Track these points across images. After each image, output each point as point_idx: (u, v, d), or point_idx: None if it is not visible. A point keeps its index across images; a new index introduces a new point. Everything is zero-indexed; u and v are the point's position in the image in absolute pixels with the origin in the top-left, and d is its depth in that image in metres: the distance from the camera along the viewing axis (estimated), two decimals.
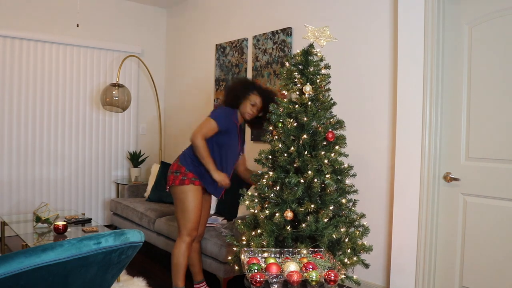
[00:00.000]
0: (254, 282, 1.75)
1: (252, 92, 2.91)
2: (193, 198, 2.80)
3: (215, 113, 2.85)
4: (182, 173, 2.82)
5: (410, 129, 2.88)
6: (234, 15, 4.59)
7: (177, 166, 2.86)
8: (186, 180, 2.79)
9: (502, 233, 2.54)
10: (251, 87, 2.93)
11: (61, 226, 3.19)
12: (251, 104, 2.89)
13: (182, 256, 2.83)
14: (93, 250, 1.37)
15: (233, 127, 2.89)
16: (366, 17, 3.22)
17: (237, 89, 2.93)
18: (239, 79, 3.13)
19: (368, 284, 3.16)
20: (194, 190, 2.81)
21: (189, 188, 2.79)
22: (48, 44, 4.79)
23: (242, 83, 2.99)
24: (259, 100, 2.91)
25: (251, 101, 2.89)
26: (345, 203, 2.53)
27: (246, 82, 3.00)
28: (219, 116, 2.82)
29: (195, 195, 2.81)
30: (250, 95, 2.90)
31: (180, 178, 2.80)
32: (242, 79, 3.12)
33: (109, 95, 4.68)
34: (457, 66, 2.75)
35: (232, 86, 3.01)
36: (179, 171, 2.83)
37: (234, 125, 2.90)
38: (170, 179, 2.86)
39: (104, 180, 5.32)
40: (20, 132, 4.68)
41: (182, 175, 2.81)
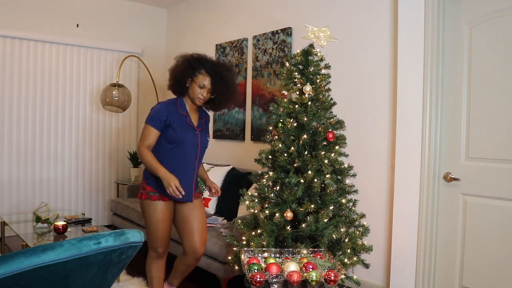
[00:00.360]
0: (254, 282, 1.75)
1: (198, 72, 2.47)
2: (151, 213, 2.53)
3: (149, 114, 2.51)
4: (142, 187, 2.58)
5: (410, 129, 2.88)
6: (234, 15, 4.59)
7: (142, 181, 2.63)
8: (143, 195, 2.55)
9: (502, 233, 2.54)
10: (196, 65, 2.48)
11: (61, 226, 3.19)
12: (199, 86, 2.47)
13: (150, 270, 2.67)
14: (93, 250, 1.36)
15: (178, 119, 2.49)
16: (366, 17, 3.22)
17: (178, 71, 2.50)
18: (181, 57, 2.55)
19: (368, 284, 3.16)
20: (152, 205, 2.52)
21: (146, 203, 2.54)
22: (48, 44, 4.79)
23: (184, 62, 2.51)
24: (208, 80, 2.47)
25: (197, 83, 2.46)
26: (345, 203, 2.53)
27: (189, 60, 2.50)
28: (153, 117, 2.47)
29: (152, 211, 2.52)
30: (196, 75, 2.47)
31: (140, 192, 2.58)
32: (184, 57, 2.54)
33: (109, 95, 4.68)
34: (457, 66, 2.74)
35: (173, 68, 2.54)
36: (141, 185, 2.61)
37: (180, 117, 2.50)
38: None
39: (104, 180, 5.32)
40: (20, 132, 4.68)
41: (142, 189, 2.57)
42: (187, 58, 2.51)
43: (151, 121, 2.46)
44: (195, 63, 2.48)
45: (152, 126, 2.46)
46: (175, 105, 2.53)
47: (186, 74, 2.48)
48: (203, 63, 2.49)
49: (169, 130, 2.47)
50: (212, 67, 2.49)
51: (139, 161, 5.29)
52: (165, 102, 2.53)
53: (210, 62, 2.51)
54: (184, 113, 2.53)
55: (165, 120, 2.45)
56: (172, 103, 2.54)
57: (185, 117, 2.52)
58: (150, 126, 2.46)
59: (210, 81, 2.48)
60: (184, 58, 2.53)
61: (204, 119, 2.67)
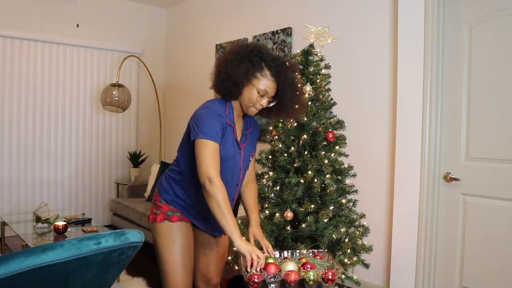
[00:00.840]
0: (252, 283, 1.75)
1: (260, 72, 1.79)
2: (172, 239, 1.87)
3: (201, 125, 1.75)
4: (156, 205, 1.95)
5: (410, 129, 2.88)
6: (234, 15, 4.59)
7: (155, 195, 1.99)
8: (158, 215, 1.91)
9: (502, 233, 2.54)
10: (257, 62, 1.79)
11: (61, 226, 3.19)
12: (260, 94, 1.80)
13: None
14: (93, 250, 1.37)
15: (227, 131, 1.84)
16: (366, 17, 3.22)
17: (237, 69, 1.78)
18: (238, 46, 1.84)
19: (368, 284, 3.16)
20: (173, 228, 1.88)
21: (163, 227, 1.88)
22: (48, 44, 4.79)
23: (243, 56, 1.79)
24: (272, 86, 1.81)
25: (258, 88, 1.79)
26: (345, 203, 2.53)
27: (248, 55, 1.79)
28: (209, 127, 1.74)
29: (172, 236, 1.87)
30: (258, 77, 1.79)
31: (153, 212, 1.94)
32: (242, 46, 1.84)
33: (109, 95, 4.68)
34: (457, 66, 2.75)
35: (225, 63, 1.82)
36: (154, 202, 1.97)
37: (228, 128, 1.86)
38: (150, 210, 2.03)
39: (104, 180, 5.32)
40: (20, 132, 4.68)
41: (155, 208, 1.94)
42: (245, 52, 1.81)
43: (208, 134, 1.72)
44: (256, 60, 1.79)
45: (213, 139, 1.73)
46: (224, 113, 1.84)
47: (247, 74, 1.79)
48: (267, 60, 1.81)
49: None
50: (278, 68, 1.82)
51: (139, 160, 5.29)
52: (215, 103, 1.86)
53: (274, 59, 1.82)
54: (231, 123, 1.86)
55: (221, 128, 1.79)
56: (222, 108, 1.85)
57: (232, 129, 1.87)
58: (211, 141, 1.72)
59: (274, 89, 1.83)
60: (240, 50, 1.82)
61: (250, 129, 2.00)
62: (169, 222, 1.89)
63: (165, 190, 1.95)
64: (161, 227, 1.89)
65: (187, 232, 1.93)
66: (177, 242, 1.88)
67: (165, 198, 1.93)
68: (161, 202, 1.94)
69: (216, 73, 1.87)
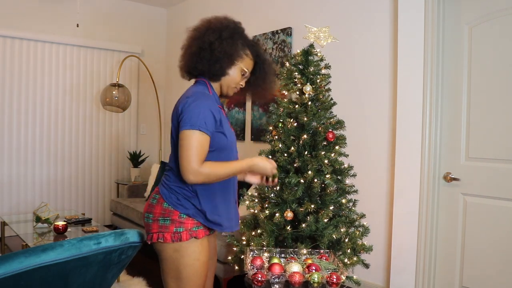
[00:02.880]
0: (256, 282, 1.75)
1: (244, 52, 1.75)
2: (193, 260, 1.66)
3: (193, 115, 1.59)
4: (175, 221, 1.65)
5: (410, 129, 2.88)
6: (234, 15, 4.56)
7: (161, 210, 1.67)
8: (183, 233, 1.64)
9: (502, 233, 2.54)
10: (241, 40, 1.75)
11: (61, 226, 3.19)
12: (242, 74, 1.78)
13: None
14: (93, 250, 1.37)
15: (221, 115, 1.73)
16: (366, 17, 3.22)
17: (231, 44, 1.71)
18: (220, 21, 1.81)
19: (368, 284, 3.16)
20: (196, 247, 1.67)
21: (190, 245, 1.65)
22: (48, 44, 4.79)
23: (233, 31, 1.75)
24: (252, 65, 1.80)
25: (243, 68, 1.76)
26: (345, 203, 2.54)
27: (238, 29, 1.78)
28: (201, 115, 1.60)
29: (197, 255, 1.67)
30: (243, 56, 1.75)
31: (172, 231, 1.64)
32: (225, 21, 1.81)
33: (109, 95, 4.68)
34: (457, 66, 2.75)
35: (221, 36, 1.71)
36: (168, 218, 1.65)
37: (220, 112, 1.73)
38: (152, 230, 1.68)
39: (104, 180, 5.32)
40: (20, 132, 4.68)
41: (175, 225, 1.65)
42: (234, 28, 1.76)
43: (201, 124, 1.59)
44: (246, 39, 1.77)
45: (204, 131, 1.59)
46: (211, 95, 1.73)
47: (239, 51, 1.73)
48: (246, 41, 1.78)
49: (217, 135, 1.68)
50: (255, 47, 1.80)
51: (139, 160, 5.29)
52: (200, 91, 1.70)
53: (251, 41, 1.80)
54: (220, 106, 1.76)
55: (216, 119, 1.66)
56: (206, 90, 1.73)
57: (222, 111, 1.77)
58: (201, 132, 1.59)
59: (252, 66, 1.80)
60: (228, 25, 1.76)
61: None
62: (196, 239, 1.66)
63: (177, 202, 1.67)
64: (188, 247, 1.64)
65: (207, 246, 1.74)
66: (201, 260, 1.68)
67: (186, 212, 1.67)
68: (181, 218, 1.65)
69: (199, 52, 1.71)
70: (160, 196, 1.71)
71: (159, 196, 1.71)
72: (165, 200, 1.68)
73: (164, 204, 1.67)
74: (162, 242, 1.65)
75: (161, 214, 1.66)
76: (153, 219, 1.68)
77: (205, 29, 1.75)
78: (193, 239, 1.65)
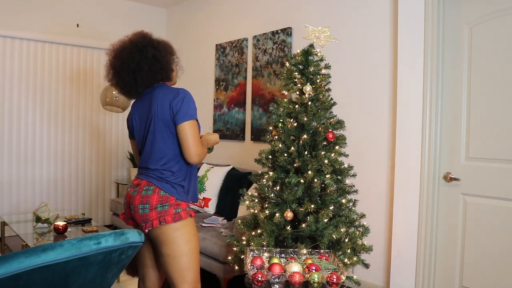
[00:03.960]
0: (256, 282, 1.75)
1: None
2: (192, 236, 1.96)
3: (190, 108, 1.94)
4: (172, 205, 1.92)
5: (410, 129, 2.88)
6: (234, 15, 4.59)
7: (159, 198, 1.92)
8: (182, 213, 1.92)
9: (502, 233, 2.54)
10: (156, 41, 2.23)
11: (61, 226, 3.19)
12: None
13: None
14: (93, 250, 1.36)
15: None
16: (366, 17, 3.22)
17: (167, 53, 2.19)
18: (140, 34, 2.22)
19: (368, 284, 3.16)
20: (192, 224, 1.98)
21: (187, 223, 1.94)
22: (48, 44, 4.79)
23: (151, 39, 2.22)
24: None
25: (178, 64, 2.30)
26: (345, 203, 2.53)
27: (150, 37, 2.24)
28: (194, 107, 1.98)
29: (194, 231, 1.98)
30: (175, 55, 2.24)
31: (172, 213, 1.90)
32: (142, 33, 2.23)
33: (109, 95, 4.67)
34: (457, 66, 2.75)
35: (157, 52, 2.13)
36: (167, 203, 1.91)
37: None
38: (152, 217, 1.90)
39: (104, 180, 5.32)
40: (20, 132, 4.68)
41: (173, 208, 1.92)
42: (147, 35, 2.23)
43: (195, 114, 1.95)
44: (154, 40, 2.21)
45: (197, 120, 1.98)
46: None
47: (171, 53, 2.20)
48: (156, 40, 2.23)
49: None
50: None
51: None
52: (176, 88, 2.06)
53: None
54: None
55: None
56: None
57: None
58: (196, 120, 1.97)
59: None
60: (146, 35, 2.21)
61: None
62: (191, 217, 1.97)
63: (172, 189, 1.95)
64: (187, 224, 1.93)
65: None
66: (196, 236, 1.99)
67: (180, 198, 1.95)
68: (177, 201, 1.94)
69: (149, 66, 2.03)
70: (155, 186, 1.93)
71: (153, 187, 1.93)
72: (161, 188, 1.92)
73: (161, 192, 1.92)
74: (164, 224, 1.88)
75: (159, 202, 1.91)
76: (150, 208, 1.90)
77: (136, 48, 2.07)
78: (189, 217, 1.95)
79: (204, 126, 4.89)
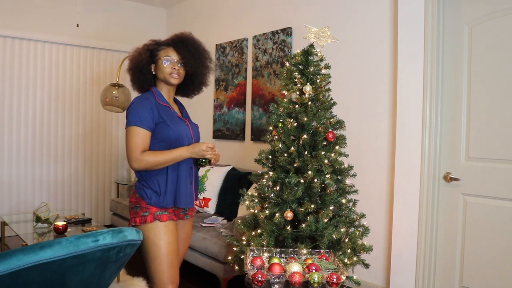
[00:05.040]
0: (256, 282, 1.74)
1: (156, 50, 2.10)
2: (159, 240, 1.97)
3: (130, 115, 1.99)
4: (142, 207, 2.01)
5: (410, 129, 2.88)
6: (234, 15, 4.59)
7: (135, 200, 2.05)
8: (148, 217, 1.99)
9: (502, 233, 2.53)
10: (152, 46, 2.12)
11: (61, 226, 3.19)
12: (165, 61, 2.06)
13: None
14: (91, 248, 1.36)
15: (164, 111, 2.05)
16: (366, 17, 3.22)
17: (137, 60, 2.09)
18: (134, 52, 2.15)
19: (368, 284, 3.15)
20: (160, 228, 1.98)
21: (154, 226, 1.98)
22: (48, 44, 4.79)
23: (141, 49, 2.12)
24: (171, 50, 2.08)
25: (162, 59, 2.06)
26: (345, 203, 2.53)
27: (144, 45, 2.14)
28: (137, 114, 1.97)
29: (162, 235, 1.98)
30: (157, 54, 2.09)
31: (140, 215, 2.00)
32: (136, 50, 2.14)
33: (109, 95, 4.67)
34: (457, 66, 2.74)
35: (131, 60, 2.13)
36: (138, 206, 2.02)
37: (164, 108, 2.07)
38: (130, 216, 2.08)
39: (104, 180, 5.32)
40: (20, 132, 4.68)
41: (142, 211, 2.01)
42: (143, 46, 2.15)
43: (137, 121, 1.96)
44: (151, 45, 2.13)
45: (140, 126, 1.96)
46: (153, 97, 2.06)
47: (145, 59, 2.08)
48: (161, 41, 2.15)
49: (161, 128, 2.01)
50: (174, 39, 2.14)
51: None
52: (141, 96, 2.07)
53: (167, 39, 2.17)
54: (165, 104, 2.09)
55: (154, 115, 2.00)
56: (149, 94, 2.07)
57: (169, 108, 2.09)
58: (138, 127, 1.95)
59: (174, 51, 2.08)
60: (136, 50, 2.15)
61: (185, 110, 2.31)
62: (159, 221, 2.00)
63: (142, 193, 2.03)
64: (152, 227, 1.98)
65: (174, 230, 2.03)
66: (166, 240, 1.98)
67: (149, 202, 2.01)
68: (148, 204, 2.01)
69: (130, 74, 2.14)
70: (134, 188, 2.09)
71: (134, 189, 2.10)
72: (137, 191, 2.05)
73: (136, 194, 2.06)
74: (134, 225, 2.02)
75: (135, 203, 2.05)
76: (130, 207, 2.08)
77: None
78: (156, 221, 1.98)
79: (204, 127, 4.88)
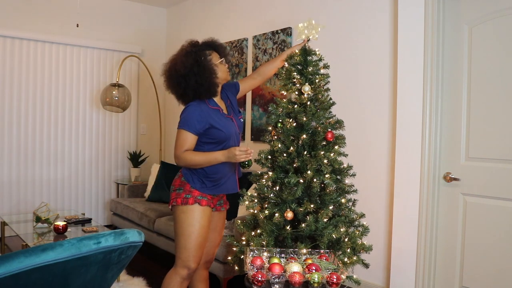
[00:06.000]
0: (256, 282, 1.75)
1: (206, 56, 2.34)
2: (195, 221, 2.24)
3: (182, 119, 2.27)
4: (186, 190, 2.28)
5: (410, 129, 2.88)
6: (234, 15, 4.59)
7: (180, 183, 2.32)
8: (190, 199, 2.25)
9: (502, 233, 2.54)
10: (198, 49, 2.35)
11: (61, 226, 3.19)
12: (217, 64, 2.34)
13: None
14: (93, 250, 1.37)
15: (215, 115, 2.29)
16: (366, 17, 3.22)
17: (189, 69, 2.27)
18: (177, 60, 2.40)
19: (368, 284, 3.16)
20: (199, 211, 2.25)
21: (192, 208, 2.24)
22: (48, 44, 4.79)
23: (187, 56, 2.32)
24: (215, 55, 2.40)
25: (215, 62, 2.33)
26: (344, 203, 2.53)
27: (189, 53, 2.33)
28: (186, 119, 2.25)
29: (199, 217, 2.25)
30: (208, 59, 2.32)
31: (182, 196, 2.26)
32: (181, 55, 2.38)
33: (109, 95, 4.68)
34: (457, 66, 2.75)
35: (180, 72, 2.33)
36: (182, 188, 2.29)
37: (215, 112, 2.31)
38: (172, 197, 2.33)
39: (104, 180, 5.32)
40: (20, 132, 4.68)
41: (185, 193, 2.27)
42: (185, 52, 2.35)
43: (185, 125, 2.22)
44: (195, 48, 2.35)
45: (188, 130, 2.22)
46: (204, 103, 2.30)
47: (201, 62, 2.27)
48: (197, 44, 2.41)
49: (214, 133, 2.25)
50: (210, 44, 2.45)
51: (139, 160, 5.30)
52: (194, 102, 2.29)
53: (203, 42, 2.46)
54: (215, 107, 2.33)
55: (201, 122, 2.23)
56: (201, 101, 2.31)
57: (218, 110, 2.33)
58: (186, 131, 2.22)
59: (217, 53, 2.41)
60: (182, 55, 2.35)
61: (229, 100, 2.49)
62: (199, 205, 2.25)
63: (189, 178, 2.29)
64: (191, 209, 2.24)
65: (209, 216, 2.30)
66: (201, 223, 2.25)
67: (195, 186, 2.27)
68: (192, 188, 2.27)
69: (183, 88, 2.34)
70: (181, 173, 2.35)
71: (180, 173, 2.35)
72: (183, 175, 2.31)
73: (182, 178, 2.32)
74: (175, 205, 2.28)
75: (178, 185, 2.31)
76: (173, 190, 2.33)
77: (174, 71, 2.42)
78: (196, 204, 2.24)
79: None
